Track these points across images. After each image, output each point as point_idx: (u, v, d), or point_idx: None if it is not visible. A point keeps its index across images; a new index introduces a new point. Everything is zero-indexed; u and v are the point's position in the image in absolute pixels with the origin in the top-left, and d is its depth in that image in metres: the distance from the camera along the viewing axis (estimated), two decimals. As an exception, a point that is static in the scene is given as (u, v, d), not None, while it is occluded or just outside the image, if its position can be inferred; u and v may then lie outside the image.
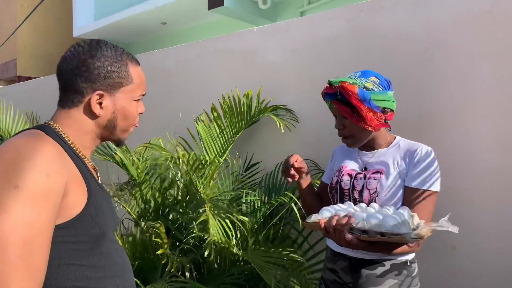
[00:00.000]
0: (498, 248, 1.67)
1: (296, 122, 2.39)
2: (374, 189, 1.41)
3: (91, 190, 0.94)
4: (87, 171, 0.97)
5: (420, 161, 1.38)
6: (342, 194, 1.49)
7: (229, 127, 2.48)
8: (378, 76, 1.43)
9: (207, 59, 2.92)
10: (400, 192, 1.39)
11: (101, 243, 0.95)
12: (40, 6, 8.91)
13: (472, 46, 1.73)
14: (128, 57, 1.03)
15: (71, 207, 0.88)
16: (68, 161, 0.92)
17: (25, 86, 5.27)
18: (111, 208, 1.06)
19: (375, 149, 1.49)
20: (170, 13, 6.71)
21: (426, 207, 1.35)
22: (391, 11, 1.98)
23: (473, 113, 1.72)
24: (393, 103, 1.44)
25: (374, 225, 1.21)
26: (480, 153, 1.70)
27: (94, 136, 1.02)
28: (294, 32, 2.40)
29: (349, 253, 1.46)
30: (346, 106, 1.41)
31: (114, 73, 0.98)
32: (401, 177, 1.40)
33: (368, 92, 1.37)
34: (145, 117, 3.42)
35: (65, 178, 0.87)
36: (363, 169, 1.49)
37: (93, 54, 0.97)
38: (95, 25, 7.72)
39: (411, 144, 1.44)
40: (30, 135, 0.90)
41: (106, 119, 1.00)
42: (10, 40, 9.93)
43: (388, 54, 1.98)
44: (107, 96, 0.99)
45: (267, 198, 2.22)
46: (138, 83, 1.04)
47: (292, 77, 2.42)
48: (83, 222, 0.90)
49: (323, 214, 1.33)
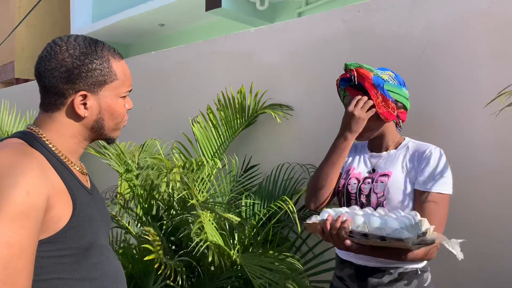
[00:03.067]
0: (498, 250, 1.66)
1: (294, 123, 2.38)
2: (381, 193, 1.34)
3: (76, 201, 0.89)
4: (73, 180, 0.92)
5: (429, 162, 1.31)
6: (349, 198, 1.43)
7: (225, 126, 2.47)
8: (394, 73, 1.42)
9: (205, 60, 2.91)
10: (409, 195, 1.33)
11: (91, 253, 0.92)
12: (38, 9, 8.89)
13: (470, 46, 1.72)
14: (110, 52, 0.96)
15: (55, 221, 0.84)
16: (50, 173, 0.87)
17: (23, 88, 5.25)
18: (102, 212, 1.02)
19: (384, 149, 1.44)
20: (168, 14, 6.69)
21: (437, 211, 1.27)
22: (388, 12, 1.97)
23: (471, 114, 1.71)
24: (407, 100, 1.41)
25: (374, 228, 1.15)
26: (478, 154, 1.69)
27: (82, 138, 0.97)
28: (291, 33, 2.39)
29: (355, 261, 1.39)
30: (359, 91, 1.37)
31: (96, 71, 0.91)
32: (410, 180, 1.34)
33: (383, 80, 1.35)
34: (142, 119, 3.41)
35: (47, 192, 0.83)
36: (371, 171, 1.42)
37: (71, 53, 0.90)
38: (93, 27, 7.70)
39: (420, 145, 1.39)
40: (8, 147, 0.85)
41: (92, 119, 0.95)
42: (8, 42, 9.91)
43: (385, 54, 1.97)
44: (91, 96, 0.92)
45: (266, 202, 2.21)
46: (122, 79, 0.97)
47: (290, 78, 2.41)
48: (69, 234, 0.87)
49: (323, 215, 1.27)
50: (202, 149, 2.47)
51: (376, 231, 1.15)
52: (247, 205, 2.21)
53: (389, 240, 1.12)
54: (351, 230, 1.18)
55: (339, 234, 1.19)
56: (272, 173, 2.34)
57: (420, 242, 1.13)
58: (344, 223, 1.20)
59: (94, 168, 3.45)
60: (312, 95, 2.30)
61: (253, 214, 2.16)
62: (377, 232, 1.14)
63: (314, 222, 1.27)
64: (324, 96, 2.24)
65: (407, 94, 1.42)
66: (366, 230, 1.16)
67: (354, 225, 1.20)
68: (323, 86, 2.25)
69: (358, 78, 1.34)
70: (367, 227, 1.17)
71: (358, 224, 1.19)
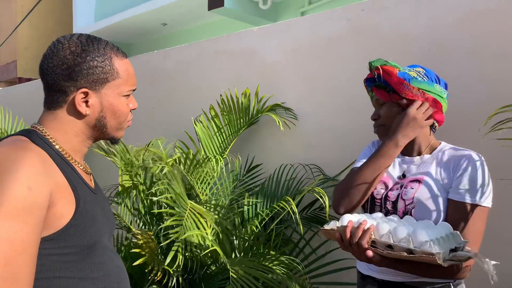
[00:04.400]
0: (499, 251, 1.64)
1: (296, 120, 2.36)
2: (410, 200, 1.22)
3: (79, 198, 0.88)
4: (76, 178, 0.92)
5: (467, 169, 1.18)
6: (373, 203, 1.30)
7: (227, 126, 2.45)
8: (425, 69, 1.29)
9: (207, 59, 2.89)
10: (442, 205, 1.20)
11: (94, 252, 0.91)
12: (40, 8, 8.89)
13: (475, 45, 1.70)
14: (113, 50, 0.95)
15: (58, 218, 0.84)
16: (53, 170, 0.86)
17: (25, 88, 5.25)
18: (106, 213, 1.01)
19: (416, 153, 1.31)
20: (170, 13, 6.68)
21: (473, 225, 1.14)
22: (392, 10, 1.95)
23: (477, 113, 1.69)
24: (441, 98, 1.25)
25: (401, 239, 1.02)
26: (485, 156, 1.67)
27: (85, 137, 0.96)
28: (294, 32, 2.37)
29: (377, 276, 1.26)
30: (384, 91, 1.27)
31: (97, 68, 0.91)
32: (444, 188, 1.21)
33: (409, 76, 1.23)
34: (145, 118, 3.40)
35: (50, 189, 0.82)
36: (401, 177, 1.30)
37: (73, 50, 0.90)
38: (95, 26, 7.70)
39: (457, 150, 1.25)
40: (12, 143, 0.85)
41: (94, 118, 0.94)
42: (10, 41, 9.93)
43: (389, 53, 1.95)
44: (93, 94, 0.92)
45: (269, 202, 2.19)
46: (125, 77, 0.96)
47: (293, 78, 2.39)
48: (71, 232, 0.86)
49: (343, 221, 1.13)
50: (205, 148, 2.46)
51: (403, 243, 1.02)
52: (250, 204, 2.19)
53: (417, 254, 1.00)
54: (374, 240, 1.06)
55: (360, 243, 1.06)
56: (275, 173, 2.33)
57: (452, 258, 1.01)
58: (366, 231, 1.07)
59: (97, 168, 3.44)
60: (315, 94, 2.28)
61: (255, 214, 2.14)
62: (404, 243, 1.02)
63: (332, 228, 1.14)
64: (327, 95, 2.23)
65: (442, 91, 1.27)
66: (391, 240, 1.04)
67: (377, 234, 1.07)
68: (326, 85, 2.23)
69: (383, 76, 1.24)
70: (392, 237, 1.04)
71: (382, 233, 1.06)
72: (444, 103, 1.28)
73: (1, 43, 9.20)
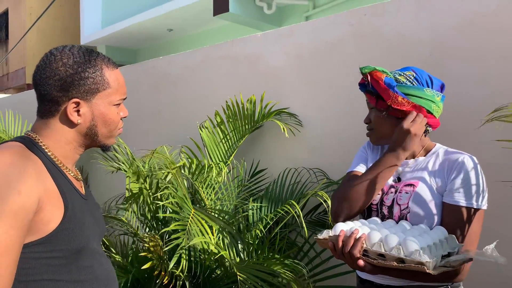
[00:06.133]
0: (500, 253, 1.63)
1: (300, 127, 2.37)
2: (405, 205, 1.22)
3: (67, 204, 0.91)
4: (66, 184, 0.95)
5: (461, 172, 1.17)
6: (370, 209, 1.31)
7: (233, 132, 2.47)
8: (417, 71, 1.27)
9: (211, 65, 2.92)
10: (437, 209, 1.20)
11: (82, 256, 0.94)
12: (49, 15, 9.01)
13: (477, 48, 1.70)
14: (104, 61, 0.99)
15: (46, 222, 0.87)
16: (44, 176, 0.89)
17: (34, 94, 5.31)
18: (96, 218, 1.04)
19: (411, 157, 1.30)
20: (176, 19, 6.75)
21: (468, 228, 1.13)
22: (394, 15, 1.96)
23: (479, 117, 1.69)
24: (431, 103, 1.22)
25: (392, 248, 1.02)
26: (487, 158, 1.67)
27: (77, 145, 1.00)
28: (297, 37, 2.39)
29: (375, 280, 1.26)
30: (373, 96, 1.29)
31: (88, 79, 0.95)
32: (438, 191, 1.20)
33: (397, 83, 1.23)
34: (150, 123, 3.43)
35: (38, 195, 0.85)
36: (396, 180, 1.30)
37: (65, 62, 0.94)
38: (102, 32, 7.79)
39: (452, 152, 1.25)
40: (8, 149, 0.88)
41: (85, 126, 0.98)
42: (19, 48, 10.07)
43: (392, 58, 1.96)
44: (84, 103, 0.96)
45: (273, 206, 2.20)
46: (115, 87, 1.00)
47: (296, 82, 2.40)
48: (60, 237, 0.89)
49: (336, 230, 1.14)
50: (210, 154, 2.48)
51: (394, 251, 1.01)
52: (255, 209, 2.20)
53: (408, 263, 0.99)
54: (366, 248, 1.06)
55: (351, 253, 1.06)
56: (279, 177, 2.34)
57: (445, 264, 1.00)
58: (357, 240, 1.07)
59: (103, 174, 3.48)
60: (318, 99, 2.30)
61: (260, 218, 2.16)
62: (395, 252, 1.01)
63: (325, 237, 1.15)
64: (331, 99, 2.24)
65: (434, 94, 1.24)
66: (382, 249, 1.03)
67: (369, 243, 1.07)
68: (330, 90, 2.24)
69: (372, 82, 1.26)
70: (383, 246, 1.04)
71: (373, 242, 1.05)
72: (437, 106, 1.25)
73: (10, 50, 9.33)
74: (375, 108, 1.31)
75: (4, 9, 12.26)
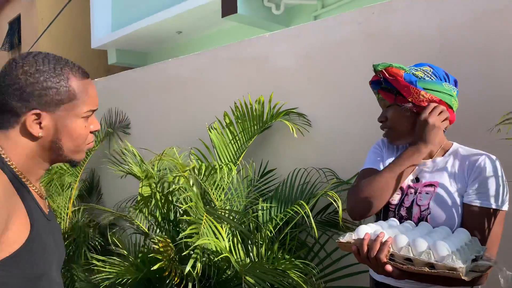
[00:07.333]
0: (502, 253, 1.61)
1: (309, 127, 2.37)
2: (426, 206, 1.18)
3: (33, 223, 0.85)
4: (32, 201, 0.88)
5: (482, 172, 1.14)
6: (386, 209, 1.26)
7: (242, 133, 2.48)
8: (434, 67, 1.24)
9: (220, 66, 2.93)
10: (457, 210, 1.16)
11: (40, 284, 0.87)
12: (60, 20, 9.13)
13: (487, 45, 1.68)
14: (72, 70, 0.90)
15: (11, 243, 0.80)
16: (12, 192, 0.83)
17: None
18: (57, 241, 0.96)
19: (429, 156, 1.27)
20: (185, 22, 6.78)
21: (490, 229, 1.11)
22: (403, 13, 1.95)
23: (489, 115, 1.67)
24: (450, 97, 1.21)
25: (421, 252, 0.97)
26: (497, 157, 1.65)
27: (40, 160, 0.91)
28: (305, 37, 2.39)
29: (392, 283, 1.22)
30: (390, 93, 1.24)
31: (51, 89, 0.86)
32: (459, 192, 1.17)
33: (416, 77, 1.20)
34: (160, 125, 3.46)
35: (8, 212, 0.79)
36: (414, 180, 1.26)
37: (26, 70, 0.85)
38: (112, 36, 7.86)
39: (472, 152, 1.21)
40: None
41: (48, 140, 0.89)
42: (32, 53, 10.19)
43: (401, 56, 1.94)
44: (46, 115, 0.87)
45: (283, 206, 2.20)
46: (83, 98, 0.91)
47: (305, 82, 2.40)
48: (20, 260, 0.82)
49: (359, 233, 1.07)
50: (219, 155, 2.48)
51: (423, 256, 0.96)
52: (265, 209, 2.21)
53: (438, 268, 0.94)
54: (393, 253, 1.01)
55: (378, 257, 1.01)
56: (289, 177, 2.34)
57: (473, 268, 0.96)
58: (384, 244, 1.01)
59: (115, 176, 3.51)
60: (327, 99, 2.29)
61: (270, 219, 2.16)
62: (425, 257, 0.95)
63: (348, 241, 1.08)
64: (340, 99, 2.23)
65: (452, 89, 1.22)
66: (410, 254, 0.98)
67: (396, 247, 1.01)
68: (338, 89, 2.23)
69: (388, 80, 1.22)
70: (411, 250, 0.98)
71: (401, 246, 1.00)
72: (455, 101, 1.24)
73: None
74: (394, 105, 1.26)
75: (16, 14, 12.45)
